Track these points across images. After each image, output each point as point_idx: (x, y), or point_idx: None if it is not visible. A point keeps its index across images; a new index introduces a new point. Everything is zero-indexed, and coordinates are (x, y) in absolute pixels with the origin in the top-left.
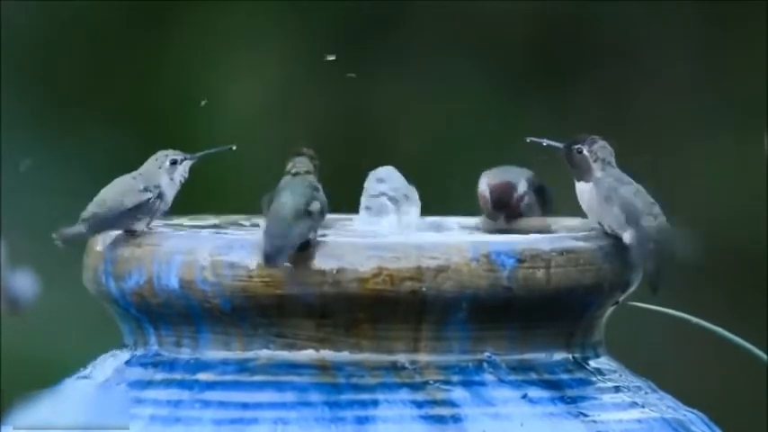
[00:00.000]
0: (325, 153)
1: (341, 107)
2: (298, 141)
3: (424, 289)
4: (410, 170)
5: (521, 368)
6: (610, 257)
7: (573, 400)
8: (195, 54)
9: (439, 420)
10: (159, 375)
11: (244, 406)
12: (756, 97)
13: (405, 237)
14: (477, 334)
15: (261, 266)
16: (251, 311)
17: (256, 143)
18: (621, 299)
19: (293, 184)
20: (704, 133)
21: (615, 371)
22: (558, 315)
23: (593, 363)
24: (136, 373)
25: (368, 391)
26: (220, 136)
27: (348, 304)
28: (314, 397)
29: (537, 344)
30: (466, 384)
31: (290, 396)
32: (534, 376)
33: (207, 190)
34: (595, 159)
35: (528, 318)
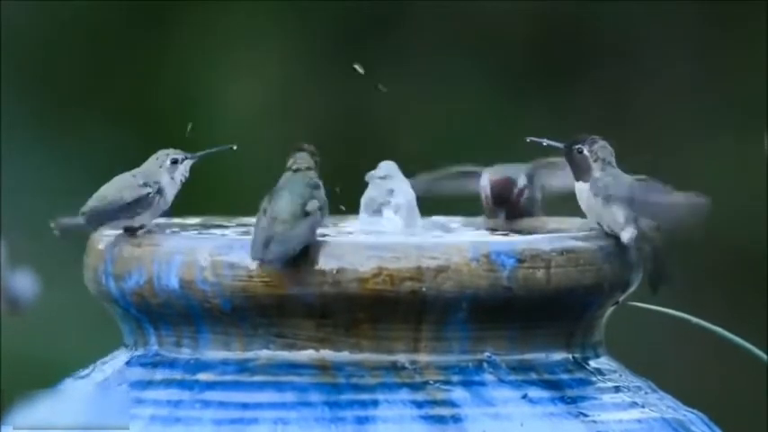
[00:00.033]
0: (325, 153)
1: (341, 107)
2: (298, 141)
3: (424, 289)
4: (410, 170)
5: (521, 368)
6: (610, 257)
7: (573, 400)
8: (195, 54)
9: (439, 420)
10: (159, 375)
11: (244, 406)
12: (756, 97)
13: (405, 237)
14: (477, 334)
15: (261, 267)
16: (251, 311)
17: (256, 143)
18: (621, 299)
19: (292, 183)
20: (704, 133)
21: (615, 371)
22: (558, 315)
23: (593, 363)
24: (136, 374)
25: (368, 391)
26: (220, 136)
27: (348, 304)
28: (314, 397)
29: (537, 344)
30: (466, 384)
31: (290, 396)
32: (534, 376)
33: (207, 190)
34: (595, 159)
35: (528, 318)
